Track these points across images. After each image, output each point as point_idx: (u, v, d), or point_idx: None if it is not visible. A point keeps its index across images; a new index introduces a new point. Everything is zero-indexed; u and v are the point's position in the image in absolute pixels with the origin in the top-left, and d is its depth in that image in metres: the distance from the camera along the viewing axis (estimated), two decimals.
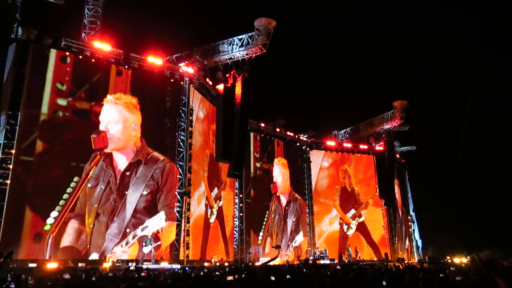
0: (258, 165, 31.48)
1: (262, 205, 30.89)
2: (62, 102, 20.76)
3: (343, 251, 31.75)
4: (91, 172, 20.86)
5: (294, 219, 32.84)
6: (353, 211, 34.21)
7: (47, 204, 19.32)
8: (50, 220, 18.86)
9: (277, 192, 32.33)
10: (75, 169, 20.50)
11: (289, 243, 30.92)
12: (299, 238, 31.95)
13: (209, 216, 24.91)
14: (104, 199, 21.05)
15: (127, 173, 21.98)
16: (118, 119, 22.15)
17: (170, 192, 22.66)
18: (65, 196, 19.79)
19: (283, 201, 32.69)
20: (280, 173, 32.84)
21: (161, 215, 21.74)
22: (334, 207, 34.12)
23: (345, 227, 33.79)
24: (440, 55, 41.68)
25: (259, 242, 28.49)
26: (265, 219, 30.41)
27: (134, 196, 21.89)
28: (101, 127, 21.40)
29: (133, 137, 22.40)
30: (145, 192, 22.07)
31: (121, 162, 21.98)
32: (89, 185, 20.60)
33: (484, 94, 37.37)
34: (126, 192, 21.78)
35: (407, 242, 38.15)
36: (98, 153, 21.16)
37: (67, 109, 20.93)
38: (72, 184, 20.16)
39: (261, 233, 29.28)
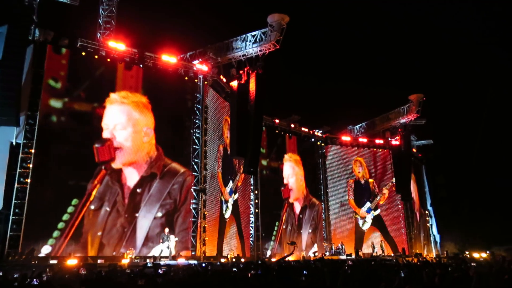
0: (264, 163, 27.40)
1: (270, 215, 26.96)
2: (56, 103, 17.64)
3: (359, 247, 31.39)
4: (94, 192, 17.39)
5: (310, 230, 29.55)
6: (368, 204, 33.33)
7: (37, 236, 16.03)
8: None
9: (290, 197, 28.74)
10: (74, 189, 17.10)
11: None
12: (312, 251, 29.20)
13: (224, 211, 24.06)
14: (109, 225, 17.53)
15: (138, 190, 18.45)
16: (126, 122, 18.86)
17: (190, 212, 20.21)
18: (60, 225, 16.48)
19: (297, 208, 29.16)
20: (292, 172, 29.73)
21: (171, 237, 18.34)
22: (348, 202, 33.09)
23: (360, 222, 32.89)
24: (456, 47, 40.89)
25: None
26: (274, 232, 26.86)
27: (146, 220, 18.49)
28: (106, 135, 18.27)
29: (146, 144, 19.25)
30: (159, 214, 18.85)
31: (132, 176, 18.53)
32: (92, 207, 17.30)
33: (500, 88, 36.62)
34: (137, 215, 18.27)
35: (424, 237, 37.69)
36: (103, 167, 17.83)
37: (62, 112, 17.74)
38: (70, 209, 16.77)
39: (268, 252, 26.23)
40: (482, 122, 37.24)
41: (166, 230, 19.02)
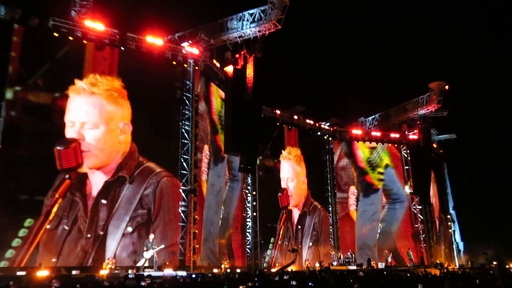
0: (257, 161, 24.91)
1: (264, 228, 25.77)
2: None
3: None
4: (55, 209, 15.53)
5: (310, 243, 27.88)
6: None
7: (3, 244, 14.67)
8: None
9: (289, 204, 27.18)
10: (28, 206, 15.33)
11: None
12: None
13: None
14: (67, 248, 15.55)
15: (103, 201, 16.57)
16: (97, 119, 17.05)
17: (169, 224, 18.41)
18: (8, 253, 14.60)
19: (296, 216, 27.66)
20: (293, 173, 28.19)
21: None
22: (350, 213, 32.32)
23: None
24: (481, 30, 40.73)
25: None
26: (270, 249, 25.96)
27: (113, 239, 16.61)
28: (71, 134, 16.48)
29: (122, 144, 17.60)
30: (129, 229, 16.96)
31: (97, 183, 16.78)
32: (48, 226, 15.44)
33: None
34: (101, 233, 16.30)
35: (445, 245, 37.69)
36: (67, 176, 15.97)
37: (14, 104, 15.96)
38: (22, 232, 15.00)
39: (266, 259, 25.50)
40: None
41: (151, 236, 18.13)
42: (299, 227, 27.83)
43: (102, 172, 17.16)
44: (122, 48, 21.04)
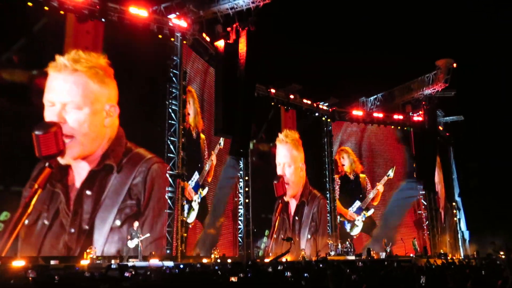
0: (250, 145, 24.26)
1: (258, 218, 25.53)
2: None
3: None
4: (33, 201, 15.08)
5: (309, 236, 27.95)
6: (357, 204, 32.74)
7: None
8: None
9: (285, 194, 26.90)
10: (4, 198, 15.01)
11: None
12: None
13: (186, 214, 21.31)
14: (48, 245, 15.33)
15: (88, 192, 16.22)
16: (81, 99, 16.43)
17: (160, 215, 18.25)
18: None
19: (293, 206, 27.41)
20: (290, 158, 27.85)
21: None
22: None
23: (347, 226, 32.28)
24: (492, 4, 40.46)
25: None
26: (263, 243, 25.90)
27: (100, 233, 16.39)
28: (51, 117, 15.87)
29: (108, 128, 17.11)
30: (117, 222, 16.67)
31: (81, 174, 16.34)
32: (26, 221, 15.03)
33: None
34: (87, 227, 15.97)
35: (450, 234, 38.10)
36: (47, 164, 15.49)
37: None
38: None
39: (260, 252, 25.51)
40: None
41: (136, 224, 17.92)
42: (297, 218, 27.71)
43: (86, 162, 16.72)
44: (103, 20, 20.69)
